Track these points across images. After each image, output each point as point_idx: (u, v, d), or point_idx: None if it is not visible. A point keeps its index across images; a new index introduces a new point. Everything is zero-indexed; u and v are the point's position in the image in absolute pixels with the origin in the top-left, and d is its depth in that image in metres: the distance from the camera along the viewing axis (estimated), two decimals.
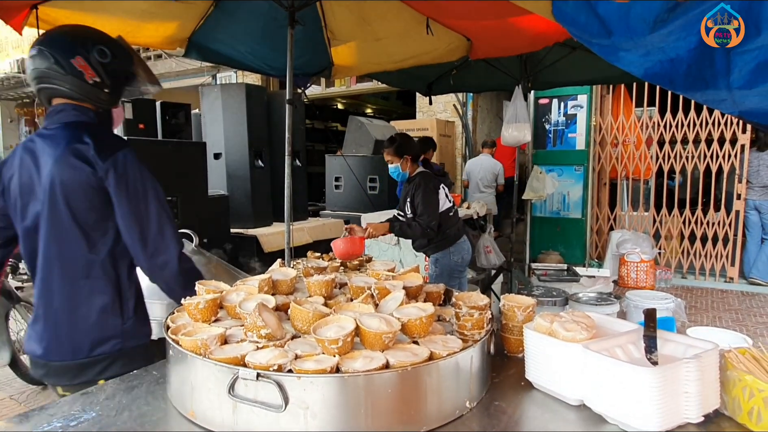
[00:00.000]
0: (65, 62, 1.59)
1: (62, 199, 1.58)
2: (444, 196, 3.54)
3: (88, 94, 1.65)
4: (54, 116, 1.65)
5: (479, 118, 8.16)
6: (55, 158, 1.57)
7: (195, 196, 4.15)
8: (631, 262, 6.55)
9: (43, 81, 1.62)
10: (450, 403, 1.24)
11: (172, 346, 1.29)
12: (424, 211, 3.34)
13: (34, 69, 1.62)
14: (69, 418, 1.25)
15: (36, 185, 1.62)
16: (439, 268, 3.59)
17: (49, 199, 1.58)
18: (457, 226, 3.62)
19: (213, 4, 3.38)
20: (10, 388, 3.94)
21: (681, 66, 1.33)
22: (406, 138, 3.59)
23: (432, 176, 3.53)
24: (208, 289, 1.55)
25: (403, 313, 1.36)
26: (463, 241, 3.63)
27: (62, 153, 1.57)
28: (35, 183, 1.62)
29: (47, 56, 1.59)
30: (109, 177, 1.58)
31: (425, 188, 3.38)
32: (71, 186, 1.57)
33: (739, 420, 1.24)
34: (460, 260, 3.61)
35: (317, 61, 4.10)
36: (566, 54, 4.05)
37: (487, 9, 2.95)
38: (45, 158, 1.60)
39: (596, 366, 1.23)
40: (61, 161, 1.57)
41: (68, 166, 1.57)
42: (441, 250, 3.59)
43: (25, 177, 1.63)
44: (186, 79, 10.30)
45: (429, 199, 3.37)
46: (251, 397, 1.13)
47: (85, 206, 1.59)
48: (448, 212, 3.55)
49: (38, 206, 1.61)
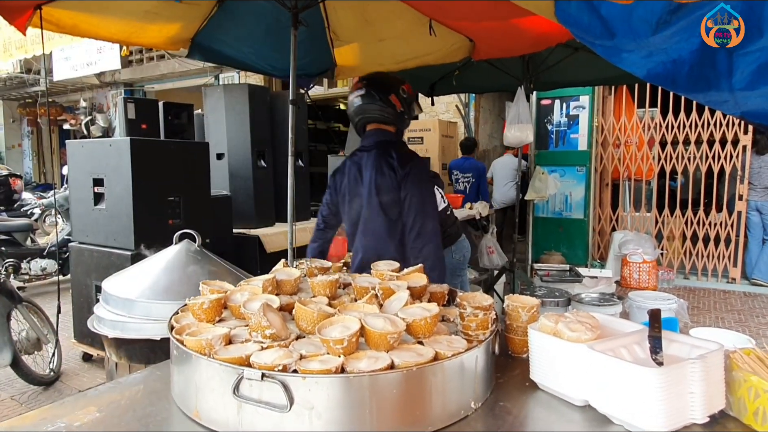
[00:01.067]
0: (385, 98, 2.27)
1: (377, 197, 2.25)
2: (439, 197, 3.56)
3: (395, 120, 2.34)
4: (370, 137, 2.35)
5: (481, 119, 8.16)
6: (373, 167, 2.26)
7: (198, 197, 4.15)
8: (634, 262, 6.54)
9: (366, 112, 2.31)
10: (455, 403, 1.24)
11: (177, 346, 1.29)
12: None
13: (361, 105, 2.31)
14: (73, 419, 1.25)
15: (360, 186, 2.32)
16: None
17: (367, 195, 2.26)
18: (456, 225, 3.62)
19: (216, 5, 3.38)
20: (12, 389, 3.94)
21: (683, 67, 1.33)
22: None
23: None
24: (212, 289, 1.55)
25: (407, 313, 1.36)
26: (462, 240, 3.62)
27: (377, 163, 2.26)
28: (359, 184, 2.32)
29: (372, 95, 2.28)
30: (405, 180, 2.22)
31: None
32: (383, 187, 2.24)
33: (745, 421, 1.24)
34: (462, 258, 3.60)
35: (320, 62, 4.10)
36: (568, 55, 4.05)
37: (489, 10, 2.95)
38: (366, 167, 2.29)
39: (601, 366, 1.23)
40: (377, 169, 2.25)
41: (381, 173, 2.24)
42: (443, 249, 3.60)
43: (352, 180, 2.35)
44: (189, 79, 10.32)
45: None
46: (256, 397, 1.13)
47: (390, 200, 2.24)
48: (445, 211, 3.56)
49: (360, 200, 2.31)
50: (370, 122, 2.36)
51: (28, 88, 12.24)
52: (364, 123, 2.37)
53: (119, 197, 3.76)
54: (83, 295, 4.10)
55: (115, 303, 2.19)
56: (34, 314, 3.98)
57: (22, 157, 14.79)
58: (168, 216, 3.92)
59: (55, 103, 13.12)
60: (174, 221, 3.91)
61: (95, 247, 3.97)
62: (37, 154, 14.73)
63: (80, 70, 10.09)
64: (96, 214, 3.94)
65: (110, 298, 2.21)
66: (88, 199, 3.96)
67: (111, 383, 1.48)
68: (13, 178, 8.38)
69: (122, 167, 3.70)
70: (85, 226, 4.07)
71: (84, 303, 4.08)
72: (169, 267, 2.22)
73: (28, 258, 6.12)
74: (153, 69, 10.54)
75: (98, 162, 3.89)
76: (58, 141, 14.52)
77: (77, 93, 12.33)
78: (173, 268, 2.22)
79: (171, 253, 2.28)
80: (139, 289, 2.16)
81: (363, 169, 2.30)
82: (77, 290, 4.17)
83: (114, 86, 11.54)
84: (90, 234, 4.03)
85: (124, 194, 3.71)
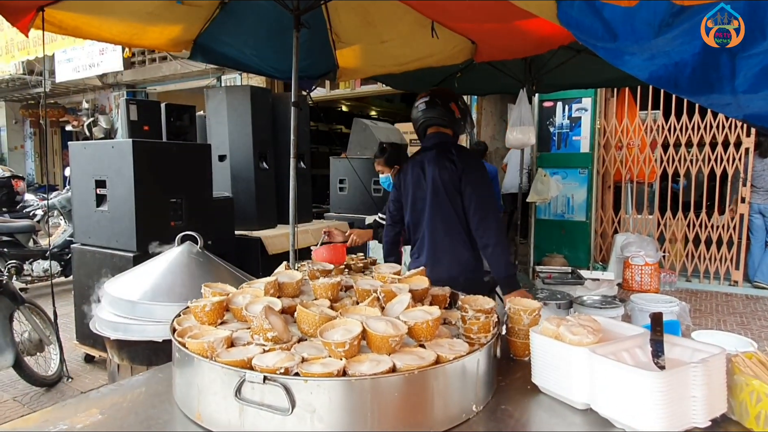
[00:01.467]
0: (446, 105, 2.59)
1: (441, 189, 2.51)
2: None
3: (453, 125, 2.65)
4: (431, 139, 2.64)
5: (484, 121, 8.14)
6: (435, 164, 2.53)
7: (199, 198, 4.16)
8: (636, 265, 6.52)
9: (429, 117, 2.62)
10: (456, 406, 1.24)
11: (179, 349, 1.29)
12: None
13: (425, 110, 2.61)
14: (75, 421, 1.25)
15: (422, 181, 2.59)
16: None
17: (431, 189, 2.54)
18: None
19: (218, 7, 3.39)
20: (14, 390, 3.94)
21: (686, 69, 1.33)
22: (397, 148, 3.78)
23: None
24: (215, 291, 1.55)
25: (409, 316, 1.36)
26: None
27: (438, 160, 2.53)
28: (422, 180, 2.60)
29: (435, 102, 2.59)
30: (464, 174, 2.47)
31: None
32: (444, 180, 2.50)
33: (747, 424, 1.23)
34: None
35: (322, 64, 4.10)
36: (571, 57, 4.05)
37: (492, 12, 2.95)
38: (428, 164, 2.57)
39: (603, 370, 1.23)
40: (439, 165, 2.52)
41: (442, 168, 2.51)
42: None
43: (415, 177, 2.63)
44: (191, 81, 10.33)
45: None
46: (258, 400, 1.13)
47: (452, 191, 2.50)
48: None
49: (424, 194, 2.59)
50: (431, 126, 2.65)
51: (31, 89, 12.26)
52: (426, 126, 2.68)
53: (121, 199, 3.77)
54: (85, 297, 4.10)
55: (117, 305, 2.19)
56: (36, 316, 3.98)
57: (24, 158, 14.82)
58: (170, 218, 3.93)
59: (58, 105, 13.13)
60: (176, 223, 3.91)
61: (97, 248, 3.98)
62: (40, 156, 14.75)
63: (82, 71, 10.12)
64: (98, 216, 3.95)
65: (112, 300, 2.21)
66: (91, 201, 3.97)
67: (113, 385, 1.48)
68: (16, 180, 8.38)
69: (124, 169, 3.71)
70: (87, 227, 4.08)
71: (86, 304, 4.08)
72: (171, 269, 2.23)
73: (30, 259, 6.14)
74: (155, 70, 10.55)
75: (100, 164, 3.89)
76: (60, 142, 14.54)
77: (79, 94, 12.35)
78: (175, 270, 2.22)
79: (173, 254, 2.29)
80: (141, 290, 2.16)
81: (426, 166, 2.58)
82: (79, 292, 4.18)
83: (116, 88, 11.56)
84: (92, 235, 4.03)
85: (127, 196, 3.72)
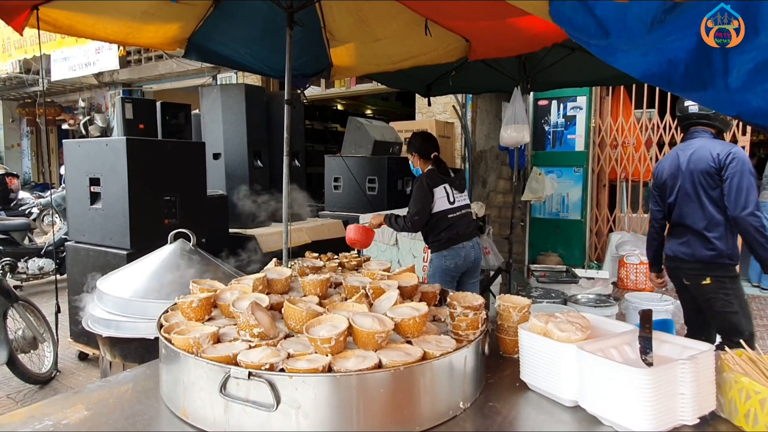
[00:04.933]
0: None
1: (696, 179, 2.81)
2: (443, 196, 3.47)
3: (718, 123, 2.92)
4: (692, 135, 2.95)
5: (478, 120, 8.14)
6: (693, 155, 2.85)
7: (194, 196, 4.15)
8: (631, 263, 6.53)
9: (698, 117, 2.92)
10: (443, 403, 1.23)
11: (165, 345, 1.28)
12: (411, 205, 3.48)
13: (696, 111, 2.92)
14: (61, 417, 1.25)
15: (678, 171, 2.91)
16: (432, 268, 3.58)
17: (689, 178, 2.85)
18: (455, 231, 3.49)
19: (212, 6, 3.38)
20: (8, 387, 3.93)
21: (679, 66, 1.32)
22: (416, 136, 3.81)
23: (435, 174, 3.52)
24: (202, 287, 1.54)
25: (396, 312, 1.35)
26: (460, 248, 3.50)
27: (696, 152, 2.84)
28: (679, 170, 2.91)
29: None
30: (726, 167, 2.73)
31: (419, 184, 3.48)
32: (703, 170, 2.80)
33: (736, 422, 1.23)
34: (453, 266, 3.50)
35: (316, 62, 4.09)
36: (565, 55, 4.04)
37: (485, 10, 2.95)
38: (685, 156, 2.89)
39: (591, 367, 1.23)
40: (696, 157, 2.83)
41: (700, 160, 2.81)
42: (435, 252, 3.56)
43: (673, 167, 2.95)
44: (186, 79, 10.30)
45: (418, 195, 3.45)
46: (243, 396, 1.12)
47: (709, 183, 2.79)
48: (446, 214, 3.46)
49: (679, 182, 2.90)
50: (696, 125, 2.95)
51: (27, 88, 12.22)
52: (690, 125, 2.98)
53: (115, 197, 3.75)
54: (79, 294, 4.09)
55: (109, 302, 2.18)
56: (30, 313, 3.97)
57: (21, 156, 14.79)
58: (164, 215, 3.92)
59: (54, 103, 13.11)
60: (170, 221, 3.90)
61: (91, 246, 3.97)
62: (36, 154, 14.72)
63: (78, 70, 10.09)
64: (92, 214, 3.94)
65: (105, 297, 2.21)
66: (85, 199, 3.96)
67: (100, 381, 1.47)
68: (10, 177, 8.37)
69: (118, 167, 3.70)
70: (81, 225, 4.07)
71: (79, 302, 4.07)
72: (164, 266, 2.22)
73: (25, 257, 6.12)
74: (151, 69, 10.53)
75: (95, 162, 3.88)
76: (56, 141, 14.50)
77: (76, 93, 12.32)
78: (167, 268, 2.21)
79: (165, 252, 2.28)
80: (133, 288, 2.16)
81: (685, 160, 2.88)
82: (73, 289, 4.16)
83: (112, 86, 11.53)
84: (86, 233, 4.02)
85: (120, 194, 3.71)
